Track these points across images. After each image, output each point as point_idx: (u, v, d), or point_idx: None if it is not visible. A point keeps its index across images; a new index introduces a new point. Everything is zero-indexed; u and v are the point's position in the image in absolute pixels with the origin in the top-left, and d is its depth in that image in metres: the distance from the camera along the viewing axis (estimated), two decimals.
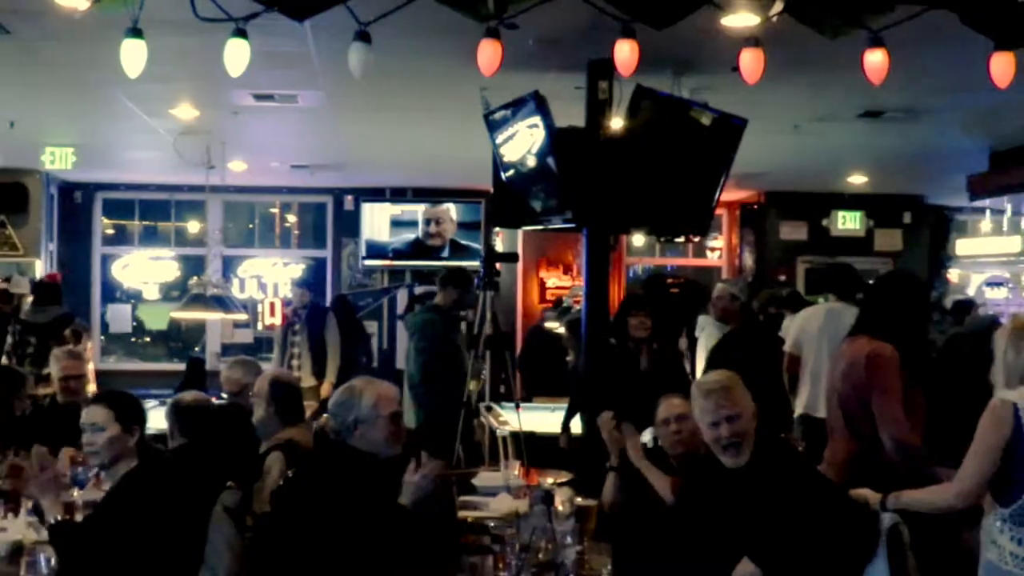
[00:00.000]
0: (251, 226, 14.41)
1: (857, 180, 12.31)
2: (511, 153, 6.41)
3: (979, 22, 4.83)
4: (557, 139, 6.08)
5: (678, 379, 6.41)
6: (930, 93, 7.55)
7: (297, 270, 13.81)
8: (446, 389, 7.43)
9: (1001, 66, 4.86)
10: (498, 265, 7.80)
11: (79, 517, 4.36)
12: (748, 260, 13.90)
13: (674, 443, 4.77)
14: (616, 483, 4.95)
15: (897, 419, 4.71)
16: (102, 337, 13.81)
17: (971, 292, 14.41)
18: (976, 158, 10.32)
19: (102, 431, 4.24)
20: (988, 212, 14.09)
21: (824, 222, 13.59)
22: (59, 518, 4.11)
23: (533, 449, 7.32)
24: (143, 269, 13.74)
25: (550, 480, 5.82)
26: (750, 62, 4.94)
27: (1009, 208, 13.28)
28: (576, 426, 7.18)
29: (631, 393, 6.21)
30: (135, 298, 13.91)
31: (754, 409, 4.25)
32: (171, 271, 13.79)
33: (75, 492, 4.73)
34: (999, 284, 14.72)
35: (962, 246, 14.80)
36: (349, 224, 13.57)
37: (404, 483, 3.99)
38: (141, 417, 4.39)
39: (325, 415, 4.41)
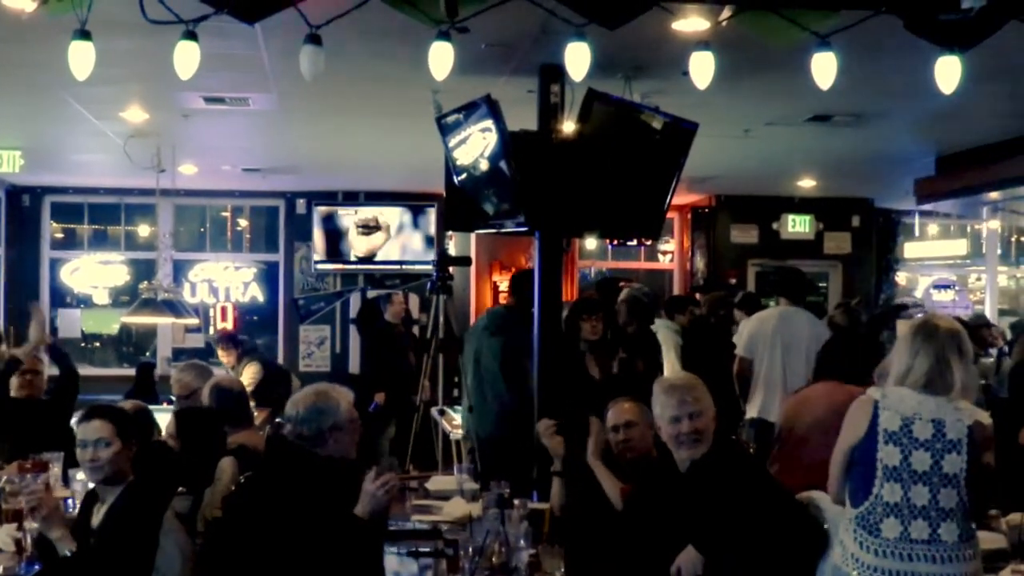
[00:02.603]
0: (202, 230, 14.30)
1: (807, 184, 12.43)
2: (464, 157, 6.41)
3: (922, 28, 4.89)
4: (510, 143, 6.08)
5: (631, 384, 6.43)
6: (878, 98, 7.63)
7: (249, 274, 13.72)
8: None
9: (947, 71, 4.92)
10: (451, 269, 7.80)
11: None
12: (699, 263, 13.99)
13: (623, 450, 4.79)
14: (561, 487, 4.97)
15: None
16: None
17: (918, 295, 14.62)
18: (923, 162, 10.45)
19: (108, 446, 4.17)
20: (935, 216, 14.30)
21: (774, 225, 13.71)
22: (72, 550, 3.99)
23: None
24: (93, 273, 13.56)
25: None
26: (700, 66, 4.98)
27: (955, 212, 13.48)
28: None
29: (583, 396, 6.24)
30: (85, 303, 13.75)
31: (715, 411, 4.31)
32: (121, 275, 13.62)
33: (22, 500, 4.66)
34: (946, 287, 14.95)
35: (910, 249, 15.01)
36: (301, 228, 13.52)
37: (363, 492, 3.98)
38: (136, 430, 4.35)
39: (279, 419, 4.39)
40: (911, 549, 3.70)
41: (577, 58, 4.80)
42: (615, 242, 13.37)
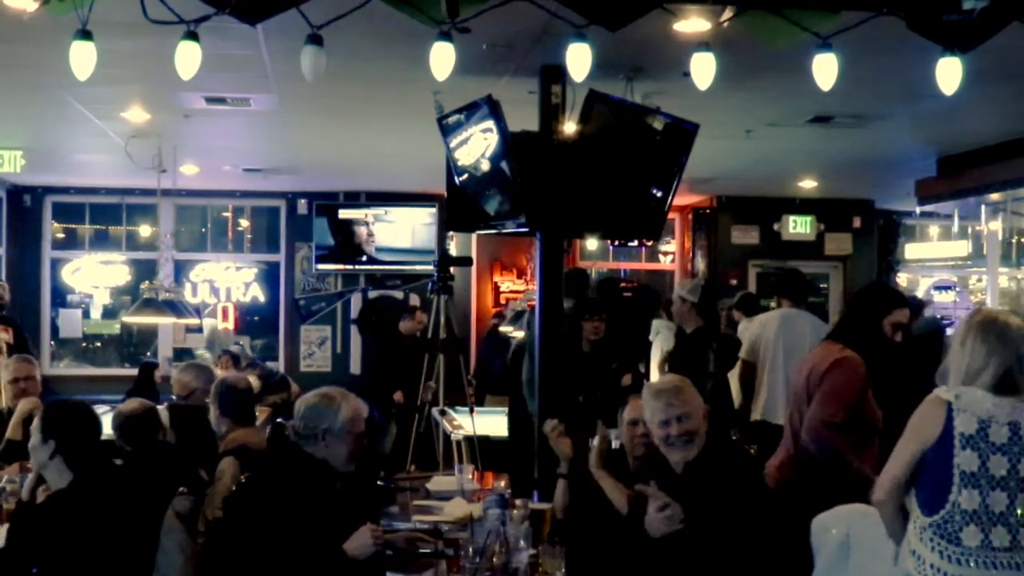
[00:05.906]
0: (203, 230, 14.30)
1: (808, 185, 12.44)
2: (465, 157, 6.41)
3: (925, 28, 4.89)
4: (511, 143, 6.08)
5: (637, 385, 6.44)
6: (879, 99, 7.62)
7: (250, 274, 13.73)
8: None
9: (948, 72, 4.92)
10: (452, 269, 7.80)
11: None
12: (700, 264, 13.99)
13: (637, 444, 4.78)
14: (565, 489, 4.96)
15: (824, 419, 4.79)
16: (52, 342, 13.64)
17: (920, 296, 14.61)
18: (924, 163, 10.45)
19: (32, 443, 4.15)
20: (936, 217, 14.28)
21: (775, 226, 13.71)
22: None
23: (487, 453, 7.34)
24: (94, 273, 13.58)
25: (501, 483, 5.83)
26: (701, 67, 4.98)
27: (956, 213, 13.47)
28: None
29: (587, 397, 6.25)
30: (86, 303, 13.76)
31: (705, 410, 4.31)
32: (122, 275, 13.64)
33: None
34: (947, 288, 14.94)
35: (911, 250, 15.00)
36: (302, 228, 13.52)
37: (358, 532, 3.98)
38: (62, 429, 4.12)
39: (280, 419, 4.39)
40: (993, 557, 3.53)
41: (578, 59, 4.81)
42: (616, 243, 13.37)
